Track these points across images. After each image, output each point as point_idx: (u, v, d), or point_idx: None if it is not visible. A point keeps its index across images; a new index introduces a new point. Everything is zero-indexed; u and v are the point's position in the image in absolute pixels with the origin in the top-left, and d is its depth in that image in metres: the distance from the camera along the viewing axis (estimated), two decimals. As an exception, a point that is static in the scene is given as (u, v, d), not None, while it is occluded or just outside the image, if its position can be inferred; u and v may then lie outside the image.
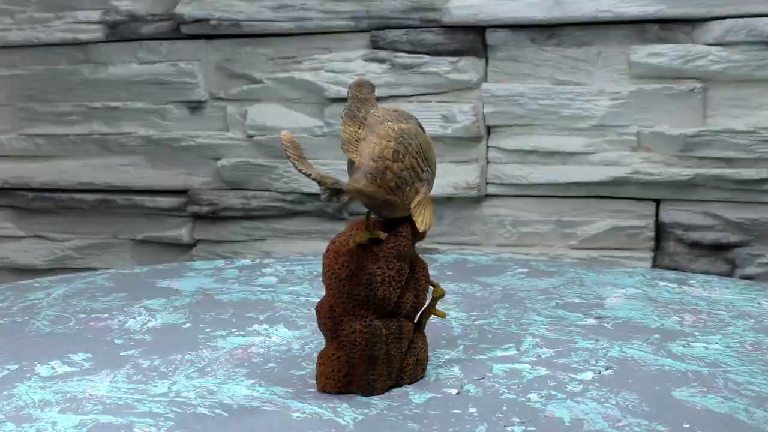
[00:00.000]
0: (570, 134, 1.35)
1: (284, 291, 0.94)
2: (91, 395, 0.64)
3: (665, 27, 1.29)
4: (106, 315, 0.86)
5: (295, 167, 0.55)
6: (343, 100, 1.39)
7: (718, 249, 1.31)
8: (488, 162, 1.39)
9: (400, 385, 0.62)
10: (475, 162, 1.39)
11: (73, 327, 0.82)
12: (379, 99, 1.39)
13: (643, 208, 1.34)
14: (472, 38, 1.37)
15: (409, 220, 0.61)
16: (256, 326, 0.80)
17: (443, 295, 0.65)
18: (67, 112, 1.59)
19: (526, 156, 1.37)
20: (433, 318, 0.67)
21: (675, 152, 1.29)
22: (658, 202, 1.34)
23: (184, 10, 1.47)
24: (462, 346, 0.72)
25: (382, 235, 0.61)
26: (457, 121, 1.36)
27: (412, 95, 1.41)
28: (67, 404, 0.62)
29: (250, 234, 1.52)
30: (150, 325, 0.82)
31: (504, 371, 0.66)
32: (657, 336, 0.76)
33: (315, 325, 0.71)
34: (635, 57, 1.29)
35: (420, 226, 0.60)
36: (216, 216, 1.53)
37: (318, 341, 0.71)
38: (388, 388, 0.62)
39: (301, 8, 1.43)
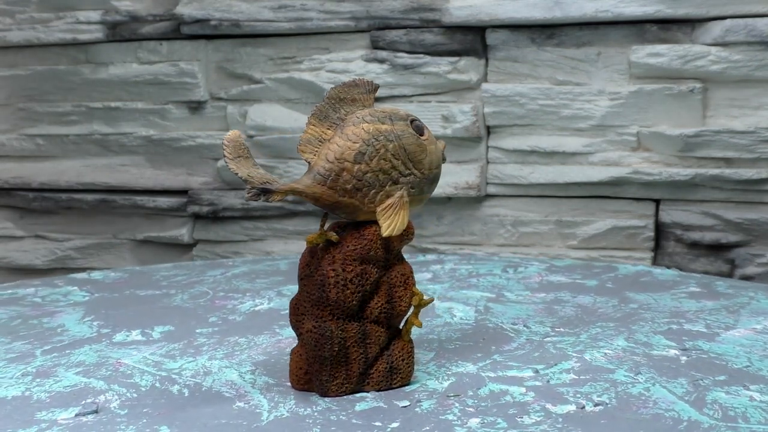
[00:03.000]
0: (570, 134, 1.35)
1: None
2: (119, 362, 0.71)
3: (665, 27, 1.29)
4: (239, 296, 0.93)
5: (227, 166, 0.58)
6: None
7: (717, 249, 1.31)
8: (488, 162, 1.40)
9: (366, 391, 0.62)
10: (475, 162, 1.39)
11: (197, 303, 0.90)
12: (379, 99, 1.39)
13: (643, 208, 1.34)
14: (472, 38, 1.37)
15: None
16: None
17: (425, 303, 0.63)
18: (67, 112, 1.59)
19: (526, 156, 1.37)
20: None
21: (675, 152, 1.29)
22: (657, 202, 1.34)
23: (184, 10, 1.47)
24: (490, 361, 0.69)
25: (333, 237, 0.61)
26: (457, 121, 1.37)
27: (412, 95, 1.41)
28: (88, 367, 0.70)
29: (250, 234, 1.52)
30: (257, 308, 0.88)
31: (491, 391, 0.62)
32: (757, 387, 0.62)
33: None
34: (635, 57, 1.29)
35: (383, 231, 0.59)
36: (216, 216, 1.53)
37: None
38: (351, 392, 0.62)
39: (301, 8, 1.43)
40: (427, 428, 0.55)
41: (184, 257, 1.57)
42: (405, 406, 0.59)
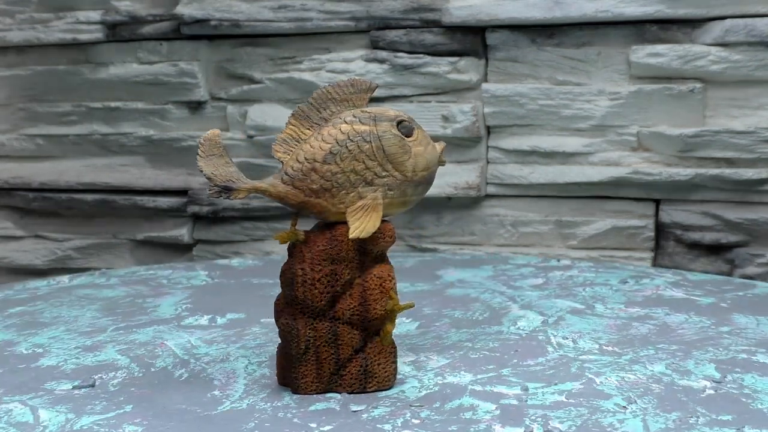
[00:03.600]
0: (570, 134, 1.35)
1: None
2: (163, 343, 0.77)
3: (665, 27, 1.29)
4: None
5: (197, 163, 0.60)
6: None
7: (717, 249, 1.31)
8: (488, 162, 1.40)
9: (338, 392, 0.62)
10: (475, 162, 1.39)
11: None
12: (379, 99, 1.39)
13: (643, 208, 1.34)
14: (472, 38, 1.37)
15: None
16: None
17: (399, 309, 0.62)
18: (67, 112, 1.59)
19: (526, 156, 1.37)
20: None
21: (675, 152, 1.29)
22: (657, 202, 1.34)
23: (184, 10, 1.47)
24: (494, 374, 0.66)
25: (300, 236, 0.61)
26: (457, 121, 1.37)
27: (412, 95, 1.41)
28: (132, 346, 0.77)
29: (250, 234, 1.52)
30: None
31: (460, 405, 0.60)
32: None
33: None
34: (635, 57, 1.29)
35: (351, 233, 0.59)
36: (216, 216, 1.53)
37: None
38: (322, 391, 0.62)
39: (301, 8, 1.43)
40: None
41: (184, 257, 1.57)
42: (355, 411, 0.59)
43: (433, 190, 1.39)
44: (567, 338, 0.76)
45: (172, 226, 1.57)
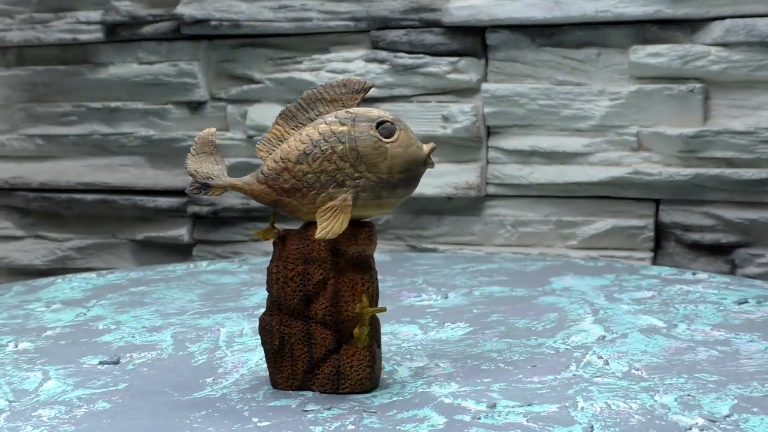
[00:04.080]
0: (570, 134, 1.35)
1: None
2: (216, 330, 0.81)
3: (665, 27, 1.29)
4: (426, 288, 0.97)
5: (186, 160, 0.63)
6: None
7: (718, 249, 1.31)
8: (488, 162, 1.40)
9: (311, 390, 0.63)
10: (475, 162, 1.39)
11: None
12: (379, 100, 1.39)
13: (643, 209, 1.34)
14: (472, 39, 1.37)
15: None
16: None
17: (368, 312, 0.61)
18: (67, 112, 1.59)
19: (526, 156, 1.37)
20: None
21: (675, 152, 1.29)
22: (658, 202, 1.34)
23: (184, 10, 1.47)
24: (479, 387, 0.64)
25: (272, 234, 0.62)
26: (457, 122, 1.37)
27: (412, 95, 1.41)
28: (191, 330, 0.81)
29: (251, 234, 1.52)
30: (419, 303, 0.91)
31: (412, 416, 0.58)
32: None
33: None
34: (635, 57, 1.29)
35: (317, 233, 0.59)
36: (216, 216, 1.53)
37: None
38: (297, 388, 0.63)
39: (301, 8, 1.43)
40: None
41: (184, 257, 1.57)
42: (306, 410, 0.59)
43: (434, 190, 1.39)
44: (603, 358, 0.71)
45: (172, 226, 1.57)
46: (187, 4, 1.47)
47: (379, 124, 0.60)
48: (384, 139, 0.60)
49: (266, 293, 0.64)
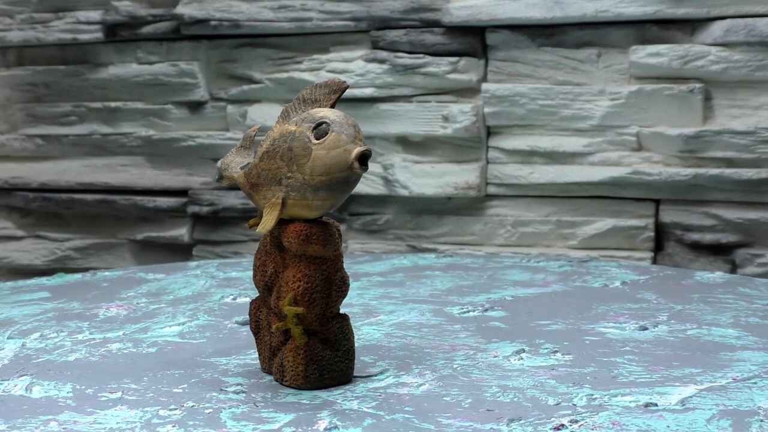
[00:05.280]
0: (570, 134, 1.35)
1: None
2: (232, 323, 0.82)
3: (665, 27, 1.29)
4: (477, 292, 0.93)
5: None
6: (342, 100, 1.39)
7: (718, 249, 1.31)
8: (488, 162, 1.40)
9: (270, 375, 0.64)
10: (475, 162, 1.39)
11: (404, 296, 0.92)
12: (379, 100, 1.39)
13: (643, 209, 1.34)
14: (472, 39, 1.37)
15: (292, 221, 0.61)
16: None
17: (288, 311, 0.60)
18: (67, 112, 1.59)
19: (526, 156, 1.37)
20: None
21: (675, 152, 1.29)
22: (658, 202, 1.34)
23: (184, 10, 1.47)
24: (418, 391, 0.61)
25: (248, 225, 0.66)
26: (457, 121, 1.37)
27: (412, 95, 1.41)
28: (236, 312, 0.85)
29: (250, 234, 1.52)
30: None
31: (318, 420, 0.55)
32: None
33: None
34: (635, 57, 1.29)
35: (258, 228, 0.61)
36: (216, 216, 1.53)
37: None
38: (268, 372, 0.65)
39: (301, 8, 1.43)
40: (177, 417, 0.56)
41: (184, 257, 1.57)
42: (252, 398, 0.60)
43: (434, 190, 1.39)
44: (616, 368, 0.65)
45: (172, 226, 1.57)
46: (187, 4, 1.47)
47: (318, 125, 0.59)
48: (313, 141, 0.58)
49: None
